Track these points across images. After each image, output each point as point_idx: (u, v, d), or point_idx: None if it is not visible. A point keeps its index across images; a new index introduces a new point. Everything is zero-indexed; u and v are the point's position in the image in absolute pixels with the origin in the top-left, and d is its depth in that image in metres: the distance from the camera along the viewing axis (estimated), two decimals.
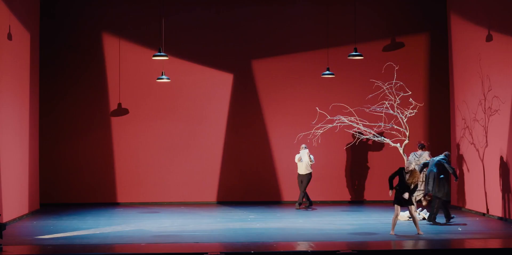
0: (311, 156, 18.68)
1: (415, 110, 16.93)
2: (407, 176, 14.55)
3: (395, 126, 17.12)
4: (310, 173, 18.80)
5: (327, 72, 19.03)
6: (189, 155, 20.48)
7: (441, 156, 16.37)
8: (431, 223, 16.15)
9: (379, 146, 19.64)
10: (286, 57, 20.56)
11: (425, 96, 20.37)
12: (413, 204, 14.81)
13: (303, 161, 18.72)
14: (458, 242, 13.90)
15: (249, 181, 20.16)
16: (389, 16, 20.65)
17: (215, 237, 14.43)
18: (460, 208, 18.87)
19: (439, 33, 20.46)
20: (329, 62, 19.48)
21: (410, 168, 14.63)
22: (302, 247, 13.08)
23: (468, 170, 18.48)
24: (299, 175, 18.91)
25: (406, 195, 14.45)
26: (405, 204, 14.57)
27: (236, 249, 12.84)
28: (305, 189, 18.79)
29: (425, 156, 17.06)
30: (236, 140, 20.38)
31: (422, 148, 17.18)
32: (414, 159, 16.97)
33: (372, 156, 20.45)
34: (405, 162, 16.39)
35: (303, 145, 18.74)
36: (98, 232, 14.94)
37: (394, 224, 14.56)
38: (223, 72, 20.47)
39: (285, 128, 20.41)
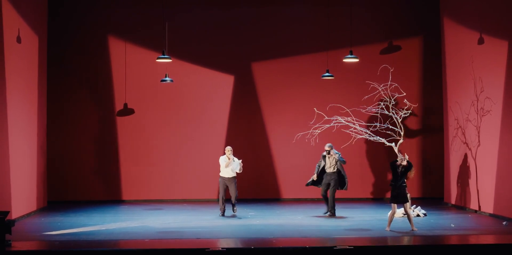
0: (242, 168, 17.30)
1: (409, 111, 17.10)
2: (400, 168, 14.74)
3: (390, 127, 17.28)
4: (235, 176, 17.35)
5: (327, 74, 19.16)
6: (191, 154, 20.67)
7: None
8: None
9: (374, 145, 19.77)
10: (285, 59, 20.74)
11: (419, 97, 20.51)
12: (408, 201, 15.01)
13: (230, 167, 17.17)
14: (451, 238, 14.08)
15: (249, 179, 20.21)
16: (384, 20, 20.81)
17: (216, 233, 14.57)
18: (453, 205, 19.05)
19: (433, 36, 20.60)
20: (327, 64, 19.63)
21: (404, 163, 14.79)
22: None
23: (461, 169, 18.65)
24: (224, 178, 17.19)
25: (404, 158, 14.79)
26: (401, 202, 14.74)
27: (236, 245, 13.07)
28: (236, 192, 17.19)
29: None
30: (236, 139, 20.54)
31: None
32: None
33: (367, 155, 20.63)
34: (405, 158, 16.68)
35: (230, 148, 17.28)
36: (103, 229, 15.06)
37: (391, 220, 14.73)
38: (224, 74, 20.70)
39: (284, 127, 20.57)
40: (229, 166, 17.14)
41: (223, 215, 17.20)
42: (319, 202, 19.78)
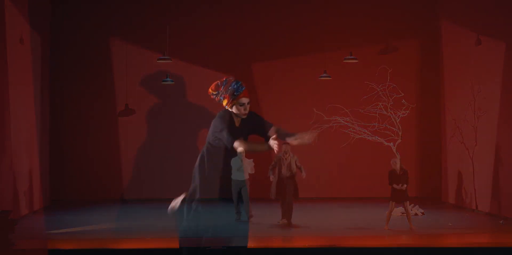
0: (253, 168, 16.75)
1: (407, 111, 17.20)
2: (400, 172, 14.88)
3: (388, 127, 17.36)
4: (248, 178, 16.70)
5: (324, 74, 19.36)
6: (192, 154, 20.76)
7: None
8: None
9: (373, 145, 19.87)
10: (285, 60, 20.89)
11: (417, 98, 20.61)
12: (409, 199, 15.12)
13: (243, 168, 16.29)
14: (449, 237, 14.23)
15: (249, 178, 20.53)
16: (383, 21, 20.95)
17: (217, 232, 14.57)
18: (451, 204, 19.23)
19: (431, 37, 20.74)
20: (326, 65, 19.85)
21: (398, 166, 14.94)
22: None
23: (458, 168, 18.81)
24: (237, 181, 15.92)
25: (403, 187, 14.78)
26: (401, 200, 14.79)
27: (236, 244, 12.86)
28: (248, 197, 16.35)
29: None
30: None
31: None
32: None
33: (366, 154, 20.77)
34: (397, 160, 16.82)
35: (242, 149, 16.65)
36: (106, 227, 15.21)
37: (388, 219, 14.85)
38: (225, 74, 20.72)
39: (283, 127, 20.48)
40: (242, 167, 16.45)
41: (242, 218, 16.57)
42: (319, 202, 20.00)
